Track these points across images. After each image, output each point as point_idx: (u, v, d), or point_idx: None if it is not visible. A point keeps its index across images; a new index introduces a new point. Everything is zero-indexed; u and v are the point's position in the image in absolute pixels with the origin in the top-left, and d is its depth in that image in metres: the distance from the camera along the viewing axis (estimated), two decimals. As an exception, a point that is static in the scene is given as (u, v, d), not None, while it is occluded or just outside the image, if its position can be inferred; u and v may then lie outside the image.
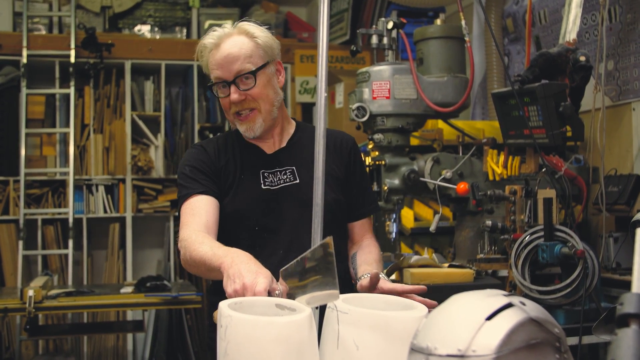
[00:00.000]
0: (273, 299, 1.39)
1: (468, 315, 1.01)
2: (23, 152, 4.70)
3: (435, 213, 3.00)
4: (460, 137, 3.03)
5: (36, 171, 4.83)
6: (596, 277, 2.39)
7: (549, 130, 2.57)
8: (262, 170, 1.97)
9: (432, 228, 2.89)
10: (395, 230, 2.93)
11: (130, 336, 4.88)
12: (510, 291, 2.47)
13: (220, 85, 1.91)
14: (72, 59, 4.81)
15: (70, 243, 4.70)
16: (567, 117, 2.56)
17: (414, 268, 2.59)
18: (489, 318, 1.00)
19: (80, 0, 5.13)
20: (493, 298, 1.04)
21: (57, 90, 4.89)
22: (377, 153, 2.93)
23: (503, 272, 2.80)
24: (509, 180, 2.80)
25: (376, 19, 4.43)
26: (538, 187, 2.60)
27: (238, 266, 1.50)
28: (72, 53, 4.81)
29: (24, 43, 4.72)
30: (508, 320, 0.99)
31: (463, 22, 2.95)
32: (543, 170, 2.69)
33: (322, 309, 1.42)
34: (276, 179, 1.96)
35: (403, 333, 1.24)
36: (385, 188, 2.85)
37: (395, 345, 1.27)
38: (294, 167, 1.98)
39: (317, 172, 1.72)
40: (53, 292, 3.64)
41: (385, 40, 2.97)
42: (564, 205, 2.65)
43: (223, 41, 1.90)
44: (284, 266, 1.48)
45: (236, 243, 1.84)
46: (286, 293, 1.46)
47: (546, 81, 2.62)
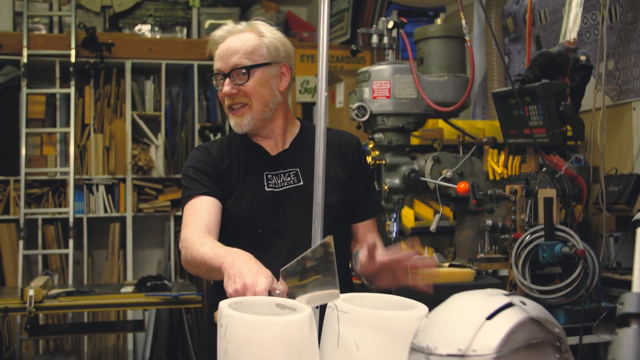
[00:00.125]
0: (273, 299, 1.39)
1: (468, 314, 1.01)
2: (23, 152, 4.69)
3: (435, 213, 3.00)
4: (460, 137, 3.03)
5: (36, 171, 4.83)
6: (596, 277, 2.39)
7: (550, 129, 2.57)
8: (266, 172, 1.96)
9: (433, 228, 2.89)
10: (395, 229, 2.93)
11: (130, 336, 4.88)
12: (510, 291, 2.46)
13: (219, 77, 1.94)
14: (73, 59, 4.80)
15: (70, 243, 4.69)
16: (568, 117, 2.56)
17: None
18: (490, 317, 1.00)
19: (80, 0, 5.13)
20: (493, 298, 1.04)
21: (58, 89, 4.89)
22: (378, 152, 2.93)
23: (503, 272, 2.80)
24: (510, 179, 2.80)
25: (376, 19, 4.43)
26: (538, 187, 2.60)
27: (239, 266, 1.50)
28: (73, 53, 4.81)
29: (25, 43, 4.72)
30: (508, 319, 0.99)
31: (463, 22, 2.95)
32: (543, 169, 2.69)
33: (323, 309, 1.42)
34: (280, 181, 1.96)
35: (403, 332, 1.24)
36: (385, 188, 2.85)
37: (395, 344, 1.26)
38: (298, 169, 1.97)
39: (318, 172, 1.72)
40: (53, 292, 3.64)
41: (385, 39, 2.97)
42: (565, 204, 2.65)
43: (231, 35, 1.93)
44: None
45: (239, 245, 1.83)
46: (286, 293, 1.46)
47: (546, 81, 2.62)
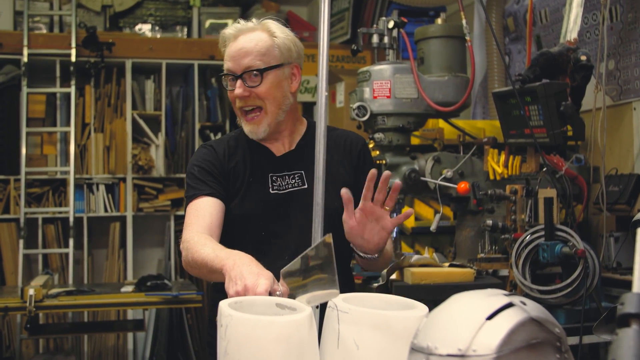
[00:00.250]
0: (273, 299, 1.39)
1: (468, 314, 1.01)
2: (24, 151, 4.69)
3: (435, 212, 3.00)
4: (461, 137, 3.03)
5: (37, 170, 4.83)
6: (597, 277, 2.39)
7: (550, 129, 2.57)
8: (271, 173, 1.94)
9: (433, 227, 2.89)
10: (395, 229, 2.93)
11: (130, 335, 4.88)
12: (510, 291, 2.46)
13: (229, 77, 1.90)
14: (73, 58, 4.80)
15: (70, 242, 4.70)
16: (568, 117, 2.56)
17: (415, 267, 2.59)
18: (490, 318, 0.99)
19: (81, -1, 5.13)
20: (493, 298, 1.04)
21: (58, 89, 4.89)
22: (378, 152, 2.93)
23: (504, 272, 2.80)
24: (510, 179, 2.80)
25: (377, 18, 4.43)
26: (539, 187, 2.60)
27: (240, 268, 1.49)
28: (73, 52, 4.81)
29: (25, 42, 4.72)
30: (509, 319, 0.99)
31: (464, 22, 2.95)
32: (544, 169, 2.69)
33: (323, 309, 1.42)
34: (284, 183, 1.94)
35: (403, 332, 1.24)
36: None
37: (395, 344, 1.26)
38: (303, 172, 1.95)
39: (318, 173, 1.72)
40: (53, 291, 3.64)
41: (386, 39, 2.97)
42: (565, 204, 2.65)
43: (242, 34, 1.89)
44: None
45: (242, 247, 1.83)
46: (287, 294, 1.45)
47: (547, 80, 2.62)
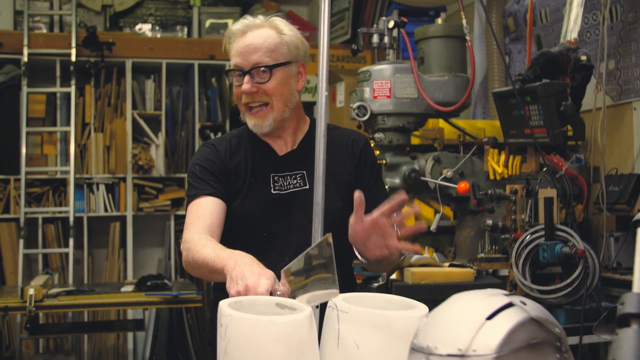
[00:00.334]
0: (273, 298, 1.39)
1: (469, 314, 1.01)
2: (24, 151, 4.69)
3: (436, 212, 3.00)
4: (461, 137, 3.03)
5: (37, 170, 4.83)
6: (597, 277, 2.39)
7: (550, 129, 2.57)
8: (273, 173, 1.93)
9: (433, 227, 2.89)
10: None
11: (130, 335, 4.88)
12: (510, 291, 2.46)
13: (236, 73, 1.89)
14: (73, 58, 4.80)
15: (70, 242, 4.69)
16: (568, 117, 2.56)
17: (415, 267, 2.59)
18: (490, 317, 0.99)
19: (81, -1, 5.13)
20: (494, 297, 1.04)
21: (58, 89, 4.89)
22: (378, 152, 2.93)
23: (504, 272, 2.80)
24: (510, 179, 2.80)
25: (377, 18, 4.43)
26: (539, 187, 2.60)
27: (241, 268, 1.49)
28: (73, 52, 4.80)
29: (25, 42, 4.72)
30: (509, 319, 0.99)
31: (464, 22, 2.95)
32: (544, 169, 2.69)
33: (323, 308, 1.42)
34: (286, 183, 1.92)
35: (403, 332, 1.24)
36: (386, 187, 2.85)
37: (395, 344, 1.26)
38: (305, 172, 1.93)
39: (318, 172, 1.71)
40: (53, 291, 3.64)
41: (386, 39, 2.97)
42: (565, 204, 2.65)
43: (250, 30, 1.89)
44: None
45: (243, 247, 1.82)
46: (287, 294, 1.45)
47: (547, 80, 2.62)
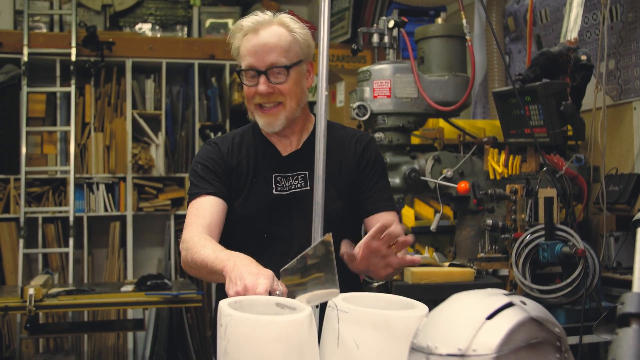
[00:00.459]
0: (273, 298, 1.39)
1: (468, 314, 1.01)
2: (24, 151, 4.69)
3: (436, 212, 3.00)
4: (461, 136, 3.03)
5: (37, 169, 4.83)
6: (597, 277, 2.39)
7: (550, 129, 2.57)
8: (275, 174, 1.91)
9: (433, 227, 2.89)
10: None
11: (130, 335, 4.88)
12: (510, 290, 2.47)
13: (249, 72, 1.83)
14: (73, 57, 4.80)
15: (70, 241, 4.69)
16: (568, 116, 2.56)
17: (415, 267, 2.59)
18: (490, 317, 0.99)
19: (81, -2, 5.13)
20: (494, 297, 1.04)
21: (58, 88, 4.89)
22: (378, 152, 2.93)
23: (504, 272, 2.80)
24: (510, 179, 2.80)
25: (377, 18, 4.42)
26: (539, 186, 2.60)
27: (240, 269, 1.48)
28: (73, 51, 4.80)
29: (25, 41, 4.72)
30: (509, 319, 0.99)
31: (464, 21, 2.95)
32: (544, 169, 2.69)
33: (323, 308, 1.42)
34: (287, 184, 1.90)
35: (403, 332, 1.24)
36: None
37: (395, 344, 1.26)
38: (307, 172, 1.89)
39: (318, 172, 1.72)
40: (53, 291, 3.64)
41: (386, 39, 2.97)
42: (565, 204, 2.65)
43: (262, 28, 1.82)
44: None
45: (243, 248, 1.81)
46: (286, 293, 1.45)
47: (547, 80, 2.62)
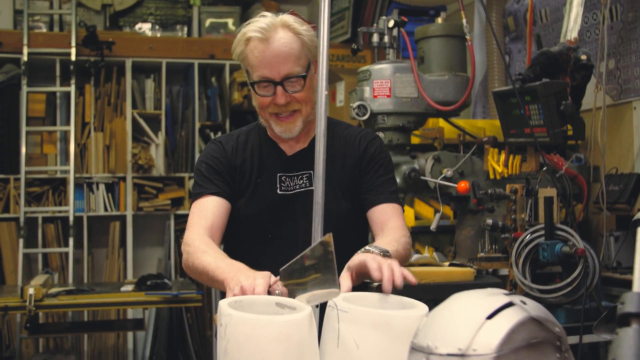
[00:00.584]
0: (273, 298, 1.39)
1: (469, 314, 1.01)
2: (23, 150, 4.69)
3: (436, 212, 3.00)
4: (461, 136, 3.03)
5: (37, 169, 4.83)
6: (597, 276, 2.39)
7: (550, 129, 2.57)
8: (280, 173, 1.90)
9: (433, 227, 2.89)
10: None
11: (130, 334, 4.88)
12: (510, 290, 2.46)
13: (263, 84, 1.79)
14: (73, 57, 4.80)
15: (70, 241, 4.69)
16: (568, 116, 2.56)
17: (415, 267, 2.59)
18: (490, 317, 0.99)
19: (80, -2, 5.13)
20: (494, 297, 1.04)
21: (58, 88, 4.89)
22: (378, 152, 2.93)
23: (504, 271, 2.80)
24: (510, 179, 2.80)
25: (377, 18, 4.42)
26: (539, 186, 2.60)
27: (238, 277, 1.48)
28: (73, 51, 4.80)
29: (25, 41, 4.71)
30: (509, 319, 0.99)
31: (464, 21, 2.94)
32: (544, 169, 2.68)
33: (323, 308, 1.42)
34: (292, 184, 1.89)
35: (403, 332, 1.24)
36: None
37: (395, 344, 1.26)
38: (311, 172, 1.87)
39: (318, 172, 1.71)
40: (53, 291, 3.64)
41: (386, 38, 2.97)
42: (565, 204, 2.65)
43: (271, 36, 1.76)
44: None
45: (247, 248, 1.81)
46: (286, 294, 1.45)
47: (547, 80, 2.62)
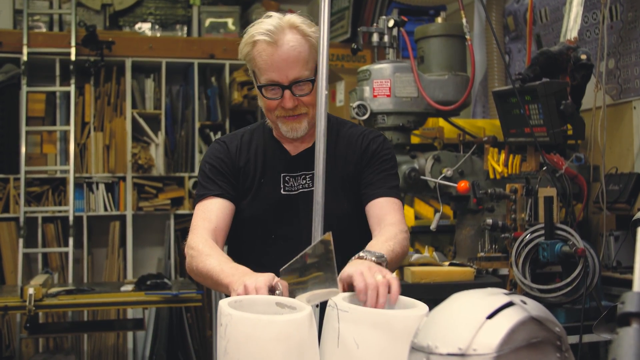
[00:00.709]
0: (273, 298, 1.39)
1: (469, 314, 1.01)
2: (23, 150, 4.69)
3: (435, 211, 3.00)
4: (461, 136, 3.03)
5: (36, 169, 4.83)
6: (597, 276, 2.39)
7: (550, 128, 2.57)
8: (284, 173, 1.89)
9: (433, 226, 2.89)
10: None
11: (130, 334, 4.88)
12: (510, 290, 2.46)
13: (270, 87, 1.79)
14: (73, 57, 4.80)
15: (70, 241, 4.69)
16: (568, 116, 2.56)
17: (415, 266, 2.59)
18: (490, 317, 0.99)
19: (80, -2, 5.13)
20: (494, 297, 1.04)
21: (58, 88, 4.88)
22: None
23: (504, 271, 2.80)
24: (510, 178, 2.80)
25: (377, 17, 4.42)
26: (539, 186, 2.60)
27: (242, 280, 1.48)
28: (73, 51, 4.80)
29: (25, 41, 4.71)
30: (509, 319, 0.99)
31: (464, 21, 2.95)
32: (544, 168, 2.68)
33: (323, 307, 1.42)
34: (296, 184, 1.89)
35: (404, 332, 1.24)
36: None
37: (395, 343, 1.26)
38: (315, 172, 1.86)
39: (318, 171, 1.71)
40: (53, 290, 3.64)
41: (386, 38, 2.97)
42: (565, 203, 2.65)
43: (279, 39, 1.76)
44: None
45: (250, 249, 1.80)
46: (286, 292, 1.45)
47: (547, 79, 2.62)
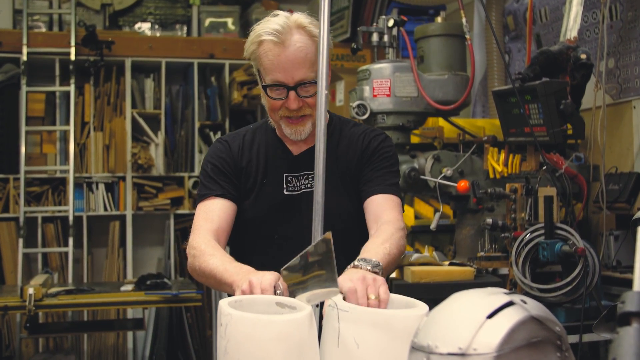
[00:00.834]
0: (273, 297, 1.39)
1: (469, 313, 1.01)
2: (23, 150, 4.69)
3: (435, 211, 3.00)
4: (460, 135, 3.03)
5: (36, 169, 4.83)
6: (597, 275, 2.39)
7: (550, 128, 2.57)
8: (286, 173, 1.89)
9: (433, 226, 2.89)
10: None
11: (130, 334, 4.88)
12: (510, 289, 2.46)
13: (275, 87, 1.79)
14: (72, 57, 4.79)
15: (70, 241, 4.69)
16: (568, 115, 2.56)
17: (415, 266, 2.59)
18: (490, 316, 0.99)
19: (80, -3, 5.13)
20: (494, 296, 1.04)
21: (57, 87, 4.88)
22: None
23: (504, 270, 2.80)
24: (510, 178, 2.80)
25: (377, 17, 4.42)
26: (539, 185, 2.60)
27: (247, 278, 1.48)
28: (72, 51, 4.80)
29: (24, 40, 4.71)
30: (509, 318, 0.99)
31: (464, 20, 2.94)
32: (544, 168, 2.68)
33: (323, 307, 1.42)
34: (298, 184, 1.89)
35: (404, 331, 1.24)
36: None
37: (396, 343, 1.26)
38: None
39: (318, 171, 1.71)
40: (53, 290, 3.64)
41: (385, 38, 2.97)
42: (565, 203, 2.65)
43: (286, 39, 1.76)
44: None
45: (253, 249, 1.80)
46: (286, 292, 1.45)
47: (547, 79, 2.62)
